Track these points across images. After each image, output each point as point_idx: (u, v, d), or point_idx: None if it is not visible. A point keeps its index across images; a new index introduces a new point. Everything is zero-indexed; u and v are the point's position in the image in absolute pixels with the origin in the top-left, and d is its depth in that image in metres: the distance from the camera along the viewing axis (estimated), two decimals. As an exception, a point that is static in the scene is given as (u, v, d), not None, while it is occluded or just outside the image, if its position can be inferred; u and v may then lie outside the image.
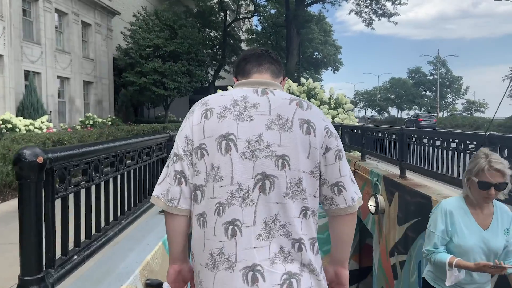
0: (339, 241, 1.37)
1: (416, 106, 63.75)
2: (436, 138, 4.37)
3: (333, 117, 11.19)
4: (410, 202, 4.68)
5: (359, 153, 8.55)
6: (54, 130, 13.15)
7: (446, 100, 61.91)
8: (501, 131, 29.55)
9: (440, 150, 4.23)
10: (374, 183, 6.01)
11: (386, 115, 71.33)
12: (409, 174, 5.32)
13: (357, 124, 10.70)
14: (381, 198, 5.63)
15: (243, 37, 33.64)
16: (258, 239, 1.21)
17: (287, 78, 1.77)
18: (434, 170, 4.34)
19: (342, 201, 1.29)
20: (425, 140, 4.64)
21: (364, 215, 6.79)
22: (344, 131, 9.51)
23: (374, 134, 6.70)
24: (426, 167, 4.56)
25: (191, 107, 1.38)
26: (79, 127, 16.56)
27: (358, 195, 1.33)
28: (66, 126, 17.93)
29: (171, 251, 1.37)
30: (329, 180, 1.29)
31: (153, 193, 1.32)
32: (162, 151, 3.21)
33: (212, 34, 28.26)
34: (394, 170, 5.82)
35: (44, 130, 12.14)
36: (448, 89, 60.64)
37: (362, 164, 7.07)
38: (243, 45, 32.57)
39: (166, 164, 1.33)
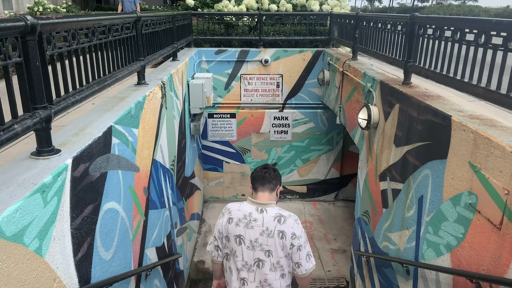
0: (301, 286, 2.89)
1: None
2: (467, 30, 2.98)
3: (320, 4, 9.33)
4: (415, 119, 3.48)
5: (349, 49, 7.08)
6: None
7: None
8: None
9: (471, 47, 2.89)
10: (367, 90, 4.74)
11: (377, 4, 66.56)
12: (416, 80, 4.03)
13: (350, 12, 8.93)
14: (375, 110, 4.42)
15: None
16: None
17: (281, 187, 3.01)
18: (458, 77, 3.05)
19: (300, 272, 2.72)
20: (448, 33, 3.25)
21: (351, 127, 5.66)
22: (333, 21, 7.82)
23: (371, 25, 5.17)
24: (445, 73, 3.25)
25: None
26: (25, 15, 14.12)
27: (310, 267, 2.73)
28: (12, 13, 15.41)
29: (215, 275, 3.05)
30: (293, 260, 2.70)
31: (207, 248, 2.97)
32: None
33: None
34: (397, 74, 4.50)
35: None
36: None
37: (353, 64, 5.67)
38: None
39: (213, 235, 2.90)
